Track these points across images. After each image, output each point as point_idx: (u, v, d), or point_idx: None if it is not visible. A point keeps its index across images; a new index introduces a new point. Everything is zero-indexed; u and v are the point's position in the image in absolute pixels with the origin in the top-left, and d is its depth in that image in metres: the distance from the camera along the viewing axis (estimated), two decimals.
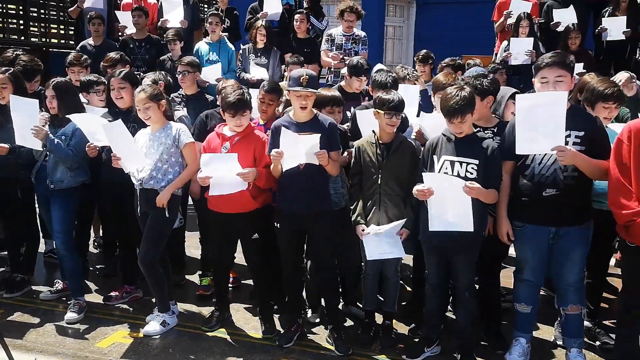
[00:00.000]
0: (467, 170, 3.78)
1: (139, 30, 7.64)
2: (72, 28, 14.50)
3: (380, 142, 4.19)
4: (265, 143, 4.25)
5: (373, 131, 4.26)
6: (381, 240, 4.10)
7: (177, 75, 5.72)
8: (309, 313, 4.71)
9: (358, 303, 4.75)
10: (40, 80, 5.70)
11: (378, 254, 4.13)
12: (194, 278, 5.54)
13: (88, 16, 7.52)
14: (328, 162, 4.01)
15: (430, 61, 6.82)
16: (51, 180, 4.71)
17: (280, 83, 5.24)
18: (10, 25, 13.63)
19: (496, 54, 8.09)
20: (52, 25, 14.58)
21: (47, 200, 4.85)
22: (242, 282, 5.38)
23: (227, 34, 8.07)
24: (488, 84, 4.10)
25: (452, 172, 3.81)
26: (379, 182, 4.16)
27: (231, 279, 5.04)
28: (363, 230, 4.15)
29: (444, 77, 4.45)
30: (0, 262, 5.69)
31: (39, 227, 5.55)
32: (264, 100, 4.68)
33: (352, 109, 4.87)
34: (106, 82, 5.14)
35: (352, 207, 4.26)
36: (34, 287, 5.27)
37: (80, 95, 5.12)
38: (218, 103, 4.69)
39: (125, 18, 7.82)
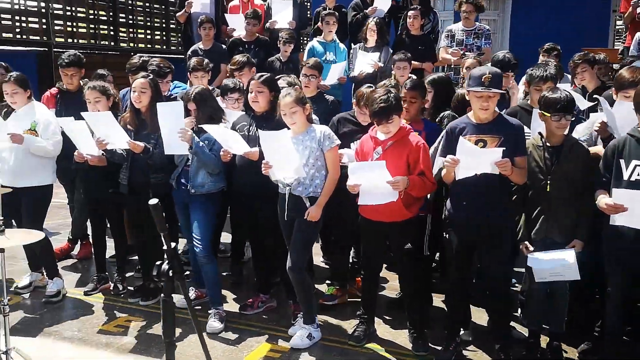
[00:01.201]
0: None
1: (248, 33, 7.52)
2: (158, 33, 14.93)
3: (548, 144, 3.86)
4: (421, 148, 3.98)
5: (540, 133, 3.94)
6: (552, 261, 3.76)
7: (300, 78, 5.53)
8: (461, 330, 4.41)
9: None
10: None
11: (549, 276, 3.80)
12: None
13: (199, 20, 7.43)
14: (512, 172, 3.68)
15: (555, 52, 6.43)
16: (192, 185, 4.60)
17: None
18: (101, 32, 13.90)
19: (627, 47, 7.53)
20: (139, 31, 14.79)
21: (186, 207, 4.75)
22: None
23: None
24: None
25: None
26: (548, 189, 3.82)
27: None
28: (527, 248, 3.84)
29: (629, 74, 4.06)
30: (130, 267, 5.67)
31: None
32: (406, 99, 4.43)
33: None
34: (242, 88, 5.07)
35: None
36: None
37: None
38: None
39: (234, 20, 7.73)
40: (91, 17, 12.99)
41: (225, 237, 6.04)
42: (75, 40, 12.36)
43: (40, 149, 4.95)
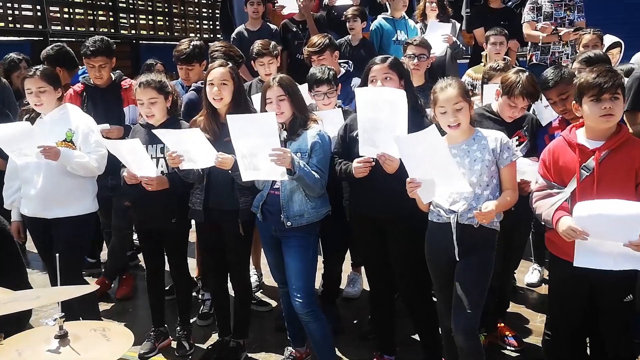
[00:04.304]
0: None
1: (304, 10, 6.21)
2: (161, 19, 13.58)
3: None
4: None
5: None
6: None
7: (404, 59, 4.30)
8: None
9: None
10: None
11: None
12: None
13: None
14: None
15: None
16: (287, 216, 3.37)
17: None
18: (100, 18, 12.64)
19: None
20: (140, 16, 13.52)
21: (276, 243, 3.52)
22: None
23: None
24: None
25: None
26: None
27: None
28: None
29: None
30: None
31: None
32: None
33: None
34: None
35: None
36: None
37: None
38: None
39: None
40: (89, 2, 11.80)
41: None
42: (73, 28, 11.22)
43: (81, 165, 3.71)
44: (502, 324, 3.92)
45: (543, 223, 2.84)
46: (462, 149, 2.98)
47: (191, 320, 4.18)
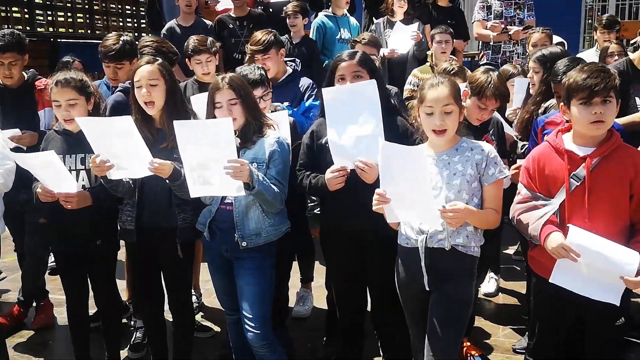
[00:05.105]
0: None
1: (238, 6, 5.77)
2: (81, 16, 12.75)
3: None
4: None
5: None
6: None
7: None
8: None
9: None
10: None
11: None
12: None
13: None
14: None
15: (617, 27, 5.48)
16: (242, 235, 2.93)
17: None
18: (15, 15, 11.74)
19: None
20: (59, 13, 12.70)
21: (228, 264, 3.07)
22: None
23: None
24: None
25: None
26: None
27: None
28: None
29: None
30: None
31: None
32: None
33: None
34: None
35: None
36: None
37: None
38: None
39: None
40: None
41: None
42: None
43: None
44: (468, 343, 3.63)
45: (529, 239, 2.53)
46: (441, 159, 2.60)
47: (122, 353, 3.66)
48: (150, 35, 4.86)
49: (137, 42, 3.98)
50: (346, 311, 3.23)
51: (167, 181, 2.92)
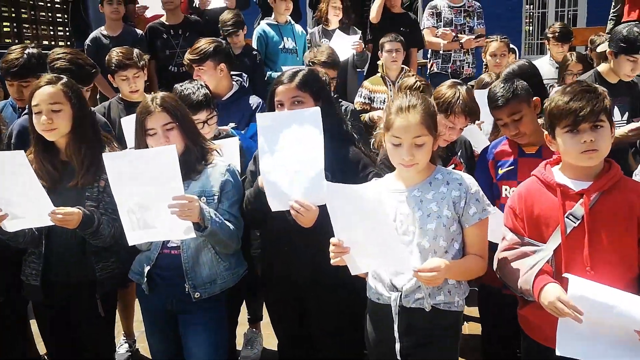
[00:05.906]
0: None
1: (171, 12, 5.22)
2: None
3: None
4: None
5: None
6: None
7: None
8: None
9: None
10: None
11: None
12: None
13: None
14: None
15: (571, 38, 5.35)
16: (194, 285, 2.48)
17: None
18: None
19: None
20: None
21: (172, 320, 2.58)
22: None
23: None
24: None
25: None
26: None
27: None
28: None
29: None
30: None
31: None
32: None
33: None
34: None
35: None
36: None
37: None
38: None
39: None
40: None
41: None
42: None
43: None
44: None
45: (519, 294, 2.12)
46: (412, 197, 2.16)
47: None
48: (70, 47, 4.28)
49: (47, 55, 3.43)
50: None
51: (78, 230, 2.40)
